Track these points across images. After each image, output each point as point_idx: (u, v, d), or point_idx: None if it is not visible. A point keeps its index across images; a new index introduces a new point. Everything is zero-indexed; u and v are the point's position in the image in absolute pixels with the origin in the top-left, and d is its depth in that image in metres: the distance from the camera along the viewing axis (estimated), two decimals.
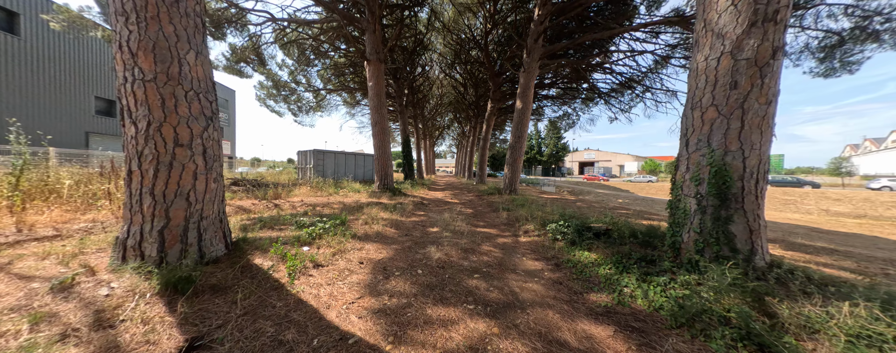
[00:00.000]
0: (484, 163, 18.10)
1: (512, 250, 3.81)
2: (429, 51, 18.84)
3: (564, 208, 6.88)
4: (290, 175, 14.60)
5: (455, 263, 3.25)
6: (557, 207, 7.23)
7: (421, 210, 7.09)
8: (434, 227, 5.12)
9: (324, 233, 3.85)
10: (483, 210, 7.42)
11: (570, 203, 9.12)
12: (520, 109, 10.22)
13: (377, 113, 9.92)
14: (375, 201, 7.78)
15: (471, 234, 4.66)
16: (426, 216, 6.20)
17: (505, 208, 6.96)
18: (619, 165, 51.11)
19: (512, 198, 8.85)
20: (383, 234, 4.42)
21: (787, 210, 19.37)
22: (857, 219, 16.84)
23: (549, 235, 4.32)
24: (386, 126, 10.03)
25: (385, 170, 9.95)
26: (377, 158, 10.00)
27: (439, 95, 26.37)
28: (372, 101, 9.99)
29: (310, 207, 6.87)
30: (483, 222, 5.88)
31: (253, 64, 14.32)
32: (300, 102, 19.02)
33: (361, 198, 8.32)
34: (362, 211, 6.11)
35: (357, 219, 5.29)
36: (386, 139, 10.06)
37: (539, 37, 10.06)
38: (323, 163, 13.84)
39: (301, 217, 4.79)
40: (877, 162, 38.76)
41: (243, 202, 6.75)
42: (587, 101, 17.90)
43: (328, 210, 6.32)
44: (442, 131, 38.37)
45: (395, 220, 5.49)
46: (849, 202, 18.68)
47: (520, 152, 10.30)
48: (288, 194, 8.01)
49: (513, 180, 10.31)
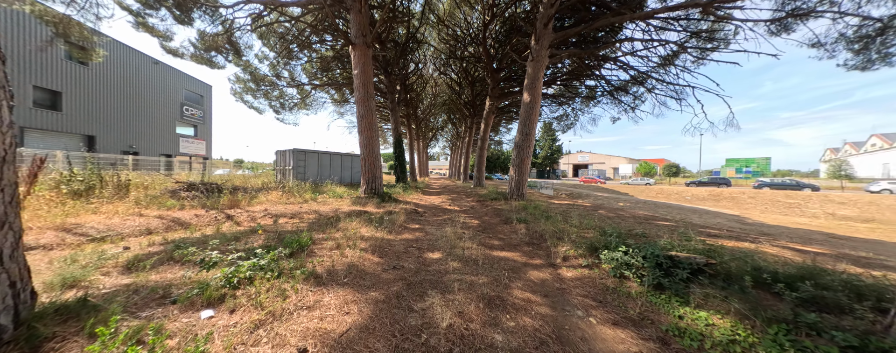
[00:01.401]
0: (482, 165, 16.71)
1: (562, 300, 2.36)
2: (422, 46, 17.44)
3: (591, 219, 5.49)
4: (268, 178, 12.86)
5: (478, 335, 1.78)
6: (582, 216, 5.83)
7: (415, 222, 5.57)
8: (434, 251, 3.62)
9: (258, 273, 2.32)
10: (492, 222, 5.95)
11: (588, 212, 7.74)
12: (527, 103, 8.84)
13: (363, 106, 8.38)
14: (359, 210, 6.22)
15: (488, 263, 3.18)
16: (422, 232, 4.70)
17: (520, 219, 5.51)
18: (613, 168, 50.51)
19: (522, 205, 7.42)
20: (360, 267, 2.90)
21: (793, 214, 18.57)
22: (866, 223, 16.09)
23: (606, 267, 2.89)
24: (373, 121, 8.50)
25: (373, 172, 8.40)
26: (364, 157, 8.44)
27: (433, 94, 24.97)
28: (357, 91, 8.45)
29: (274, 218, 5.28)
30: (497, 240, 4.40)
31: (227, 54, 12.59)
32: (283, 99, 17.32)
33: (343, 206, 6.75)
34: (338, 226, 4.57)
35: (328, 239, 3.76)
36: (374, 136, 8.52)
37: (549, 21, 8.74)
38: (304, 164, 12.15)
39: (231, 244, 3.22)
40: (860, 165, 39.17)
41: (184, 213, 5.10)
42: (588, 99, 16.76)
43: (293, 224, 4.75)
44: (435, 132, 36.97)
45: (380, 240, 3.97)
46: (854, 206, 18.00)
47: (528, 152, 8.90)
48: (250, 202, 6.37)
49: (520, 183, 8.90)
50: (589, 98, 16.63)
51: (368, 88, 8.44)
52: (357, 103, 8.50)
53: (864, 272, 2.34)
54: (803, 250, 3.87)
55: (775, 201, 19.93)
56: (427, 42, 17.62)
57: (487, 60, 14.24)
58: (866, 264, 3.11)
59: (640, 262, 2.65)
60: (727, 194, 22.14)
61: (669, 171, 39.68)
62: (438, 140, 42.97)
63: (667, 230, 4.78)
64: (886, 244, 11.27)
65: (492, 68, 14.75)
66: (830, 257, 3.58)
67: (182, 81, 21.46)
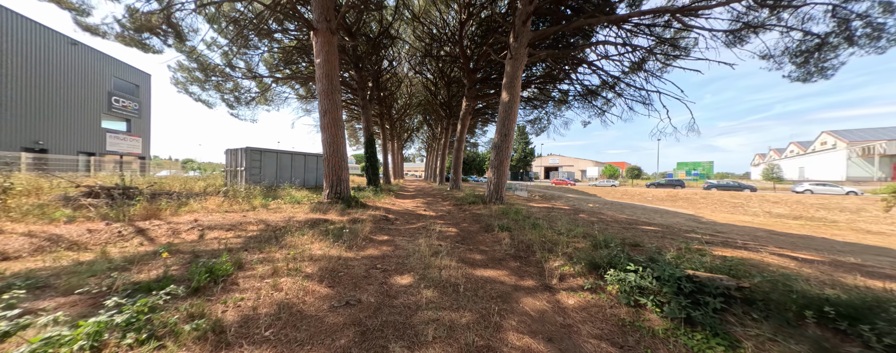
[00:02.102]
0: (459, 167, 16.16)
1: (571, 345, 1.75)
2: (397, 42, 16.58)
3: (576, 224, 5.07)
4: (219, 180, 11.17)
5: None
6: (567, 221, 5.40)
7: (384, 233, 4.76)
8: (404, 273, 2.88)
9: (109, 338, 1.42)
10: (471, 230, 5.32)
11: (569, 216, 7.42)
12: (506, 103, 8.40)
13: (327, 99, 7.37)
14: (318, 219, 5.26)
15: (471, 289, 2.51)
16: (391, 246, 3.92)
17: (502, 226, 4.93)
18: (581, 170, 52.97)
19: (502, 209, 6.89)
20: (296, 308, 2.07)
21: (738, 213, 20.30)
22: (796, 220, 17.95)
23: (612, 290, 2.36)
24: (339, 117, 7.52)
25: (338, 173, 7.40)
26: (327, 157, 7.42)
27: (409, 93, 24.10)
28: (320, 83, 7.43)
29: (203, 231, 4.18)
30: (480, 253, 3.76)
31: (165, 37, 10.80)
32: (238, 92, 15.48)
33: (299, 213, 5.73)
34: (284, 241, 3.64)
35: (264, 261, 2.85)
36: (339, 134, 7.53)
37: (527, 19, 8.41)
38: (260, 165, 10.68)
39: (105, 279, 2.22)
40: (786, 168, 44.70)
41: (72, 228, 3.83)
42: (560, 103, 17.00)
43: (224, 241, 3.72)
44: (411, 133, 35.98)
45: (335, 260, 3.13)
46: (785, 205, 20.09)
47: (506, 153, 8.45)
48: (178, 210, 5.13)
49: (499, 185, 8.40)
50: (562, 102, 16.85)
51: (333, 81, 7.46)
52: (320, 96, 7.47)
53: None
54: (795, 256, 3.68)
55: (722, 201, 21.67)
56: (402, 39, 16.79)
57: (464, 60, 13.78)
58: (868, 273, 2.90)
59: (654, 285, 2.14)
60: (682, 195, 23.75)
61: (632, 173, 42.36)
62: (414, 141, 42.00)
63: (655, 237, 4.47)
64: (815, 239, 12.48)
65: (468, 68, 14.31)
66: (828, 264, 3.39)
67: (111, 67, 18.06)
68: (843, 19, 7.91)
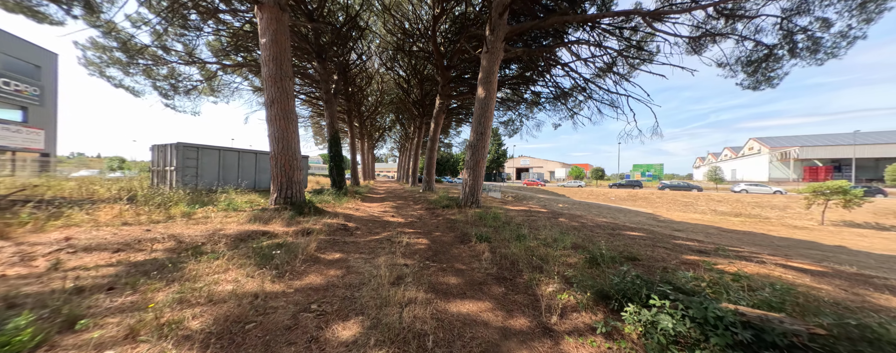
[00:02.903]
0: (432, 167, 15.37)
1: None
2: (366, 34, 15.38)
3: (558, 230, 4.55)
4: (144, 183, 9.20)
5: None
6: (547, 227, 4.87)
7: (336, 249, 3.81)
8: (348, 319, 2.02)
9: None
10: (445, 240, 4.55)
11: (548, 220, 6.96)
12: (482, 99, 7.78)
13: (275, 87, 6.17)
14: (254, 232, 4.15)
15: (445, 340, 1.74)
16: (342, 269, 3.01)
17: (480, 236, 4.22)
18: (549, 171, 55.03)
19: (478, 214, 6.22)
20: None
21: (689, 211, 21.90)
22: (736, 217, 19.71)
23: (632, 332, 1.73)
24: (290, 108, 6.33)
25: (288, 174, 6.21)
26: (275, 155, 6.19)
27: (380, 90, 22.80)
28: (266, 67, 6.21)
29: (72, 255, 2.93)
30: (455, 275, 3.00)
31: (69, 5, 8.73)
32: (175, 79, 13.28)
33: (230, 224, 4.54)
34: (183, 268, 2.58)
35: (128, 309, 1.83)
36: (290, 128, 6.35)
37: (504, 11, 7.89)
38: (197, 164, 8.94)
39: None
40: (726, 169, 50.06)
41: None
42: (533, 105, 17.02)
43: (93, 269, 2.55)
44: (383, 133, 34.44)
45: (248, 299, 2.17)
46: (727, 203, 22.09)
47: (483, 153, 7.82)
48: (45, 226, 3.72)
49: (475, 188, 7.74)
50: (534, 104, 16.84)
51: (283, 65, 6.27)
52: (266, 83, 6.24)
53: None
54: (802, 268, 3.41)
55: (675, 200, 23.25)
56: (372, 30, 15.64)
57: (438, 56, 13.03)
58: (878, 286, 2.63)
59: (695, 331, 1.54)
60: (642, 195, 25.19)
61: (596, 174, 44.68)
62: (386, 141, 40.37)
63: (646, 245, 4.05)
64: (756, 235, 13.56)
65: (442, 66, 13.59)
66: (842, 279, 3.11)
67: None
68: (788, 31, 8.38)
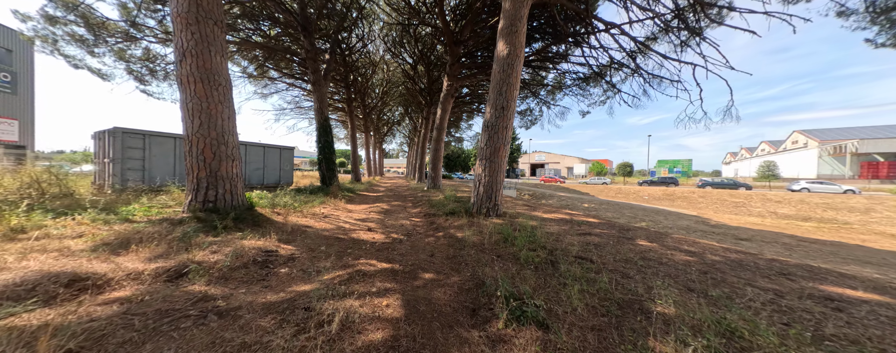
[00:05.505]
0: (438, 162, 13.02)
1: None
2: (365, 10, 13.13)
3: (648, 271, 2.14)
4: (86, 179, 7.39)
5: None
6: (646, 268, 2.46)
7: (171, 336, 1.58)
8: None
9: None
10: (439, 303, 2.20)
11: (615, 240, 4.44)
12: (504, 58, 5.26)
13: (188, 31, 3.97)
14: (72, 276, 1.99)
15: None
16: None
17: (512, 296, 1.86)
18: (567, 168, 51.14)
19: (499, 229, 3.82)
20: None
21: (742, 213, 18.41)
22: (806, 221, 16.13)
23: None
24: (215, 66, 4.11)
25: (210, 167, 4.03)
26: (188, 136, 4.03)
27: (387, 80, 20.59)
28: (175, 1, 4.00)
29: None
30: None
31: None
32: (151, 61, 11.44)
33: (52, 256, 2.42)
34: None
35: None
36: (214, 97, 4.13)
37: None
38: (145, 155, 7.03)
39: None
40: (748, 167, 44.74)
41: None
42: (555, 89, 14.24)
43: None
44: (392, 127, 32.33)
45: None
46: (789, 204, 18.45)
47: (504, 136, 5.32)
48: None
49: (492, 187, 5.30)
50: (557, 87, 14.10)
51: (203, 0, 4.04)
52: (174, 23, 4.04)
53: None
54: None
55: (723, 200, 19.82)
56: (375, 14, 13.49)
57: (446, 29, 10.59)
58: None
59: None
60: (679, 194, 21.82)
61: (624, 170, 40.56)
62: (396, 135, 38.27)
63: None
64: (849, 246, 10.31)
65: (451, 42, 11.12)
66: None
67: None
68: None
